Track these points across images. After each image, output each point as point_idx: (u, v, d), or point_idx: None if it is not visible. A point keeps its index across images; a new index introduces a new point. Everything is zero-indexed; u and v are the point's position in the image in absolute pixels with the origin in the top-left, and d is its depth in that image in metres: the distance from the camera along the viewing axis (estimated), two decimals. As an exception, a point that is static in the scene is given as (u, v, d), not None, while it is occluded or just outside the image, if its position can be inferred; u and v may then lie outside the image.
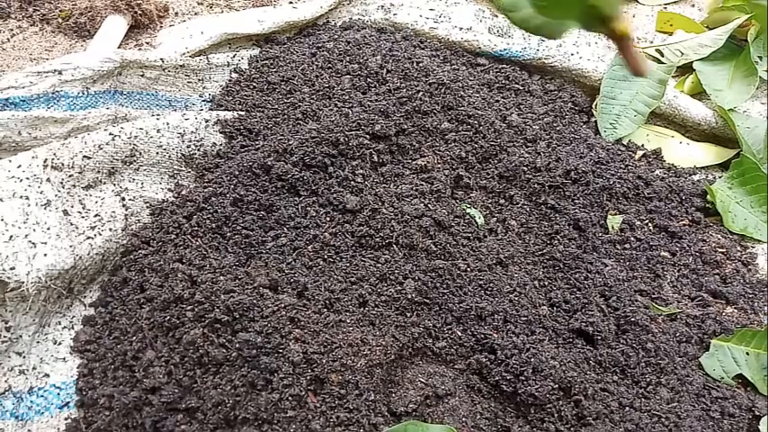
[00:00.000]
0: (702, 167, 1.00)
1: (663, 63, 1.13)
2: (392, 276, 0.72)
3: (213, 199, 0.78)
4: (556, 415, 0.65)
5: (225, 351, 0.62)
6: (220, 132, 0.89)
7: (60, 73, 0.86)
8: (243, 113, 0.93)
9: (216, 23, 1.07)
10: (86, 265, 0.72)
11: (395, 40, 1.07)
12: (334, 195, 0.79)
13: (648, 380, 0.69)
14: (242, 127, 0.90)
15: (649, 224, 0.87)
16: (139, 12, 1.11)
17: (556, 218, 0.85)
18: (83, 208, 0.75)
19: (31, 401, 0.64)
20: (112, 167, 0.79)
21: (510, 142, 0.92)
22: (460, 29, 1.12)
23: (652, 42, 1.22)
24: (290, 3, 1.20)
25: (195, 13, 1.20)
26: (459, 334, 0.70)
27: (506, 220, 0.84)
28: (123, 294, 0.72)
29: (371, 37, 1.06)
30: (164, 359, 0.64)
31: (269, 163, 0.80)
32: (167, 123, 0.84)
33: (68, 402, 0.65)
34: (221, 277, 0.69)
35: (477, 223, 0.81)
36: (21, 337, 0.66)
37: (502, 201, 0.87)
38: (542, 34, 0.37)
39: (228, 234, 0.75)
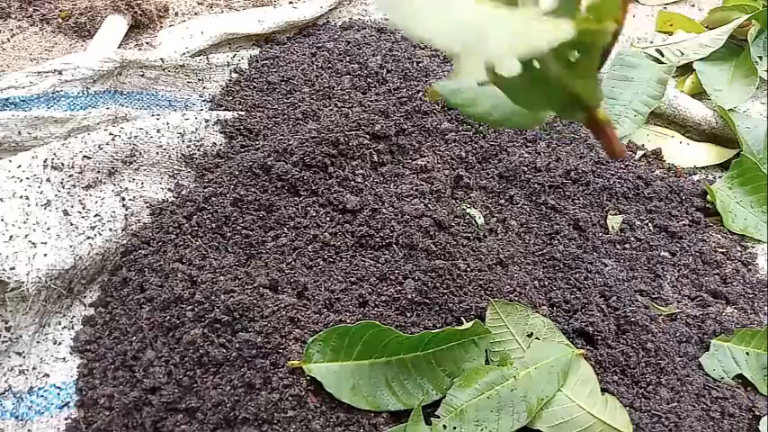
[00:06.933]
0: (702, 167, 1.00)
1: (663, 63, 1.13)
2: (392, 276, 0.72)
3: (213, 199, 0.78)
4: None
5: (225, 351, 0.62)
6: (220, 132, 0.89)
7: (60, 73, 0.86)
8: (243, 113, 0.93)
9: (216, 23, 1.07)
10: (86, 265, 0.72)
11: (395, 40, 1.07)
12: (335, 195, 0.79)
13: (648, 380, 0.69)
14: (242, 127, 0.90)
15: (649, 224, 0.87)
16: (139, 12, 1.11)
17: (556, 218, 0.85)
18: (83, 208, 0.75)
19: (31, 401, 0.64)
20: (112, 167, 0.79)
21: (510, 142, 0.92)
22: (460, 29, 1.12)
23: (652, 42, 1.22)
24: (290, 3, 1.20)
25: (195, 13, 1.20)
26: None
27: (506, 220, 0.84)
28: (123, 294, 0.72)
29: (371, 37, 1.06)
30: (164, 359, 0.64)
31: (269, 163, 0.80)
32: (167, 123, 0.84)
33: (68, 402, 0.65)
34: (221, 277, 0.69)
35: (477, 223, 0.81)
36: (21, 337, 0.66)
37: (502, 201, 0.87)
38: (511, 126, 0.35)
39: (228, 234, 0.75)
